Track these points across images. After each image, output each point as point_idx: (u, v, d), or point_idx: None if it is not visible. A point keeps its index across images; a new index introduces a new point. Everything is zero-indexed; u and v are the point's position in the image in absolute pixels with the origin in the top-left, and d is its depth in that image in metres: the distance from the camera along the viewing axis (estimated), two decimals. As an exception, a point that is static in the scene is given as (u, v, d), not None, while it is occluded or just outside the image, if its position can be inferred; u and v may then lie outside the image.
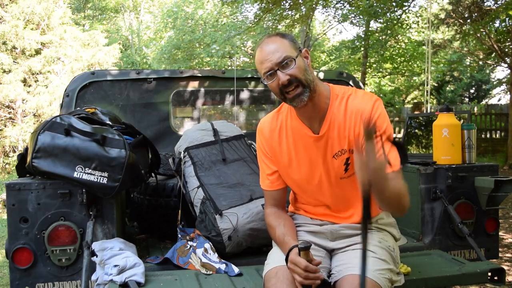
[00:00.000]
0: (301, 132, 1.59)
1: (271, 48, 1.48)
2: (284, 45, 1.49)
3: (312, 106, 1.53)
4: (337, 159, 1.56)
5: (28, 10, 11.21)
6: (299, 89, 1.47)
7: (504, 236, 4.90)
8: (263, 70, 1.50)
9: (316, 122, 1.56)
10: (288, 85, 1.47)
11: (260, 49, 1.52)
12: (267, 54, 1.48)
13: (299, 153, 1.60)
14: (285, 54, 1.47)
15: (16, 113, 11.44)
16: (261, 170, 1.72)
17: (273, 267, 1.51)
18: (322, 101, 1.55)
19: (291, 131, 1.62)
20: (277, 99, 3.23)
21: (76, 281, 1.85)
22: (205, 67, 15.00)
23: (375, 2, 9.76)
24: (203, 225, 2.04)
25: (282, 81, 1.46)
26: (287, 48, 1.48)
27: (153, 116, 3.01)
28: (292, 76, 1.46)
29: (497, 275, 1.79)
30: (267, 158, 1.68)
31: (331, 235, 1.66)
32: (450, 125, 2.27)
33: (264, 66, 1.49)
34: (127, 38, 22.24)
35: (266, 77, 1.50)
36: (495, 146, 11.91)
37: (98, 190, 1.83)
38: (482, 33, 10.40)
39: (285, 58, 1.46)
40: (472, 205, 2.22)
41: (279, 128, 1.65)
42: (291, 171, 1.63)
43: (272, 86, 1.51)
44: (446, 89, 18.73)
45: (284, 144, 1.63)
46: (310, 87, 1.49)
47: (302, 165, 1.61)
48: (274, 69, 1.47)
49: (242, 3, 13.11)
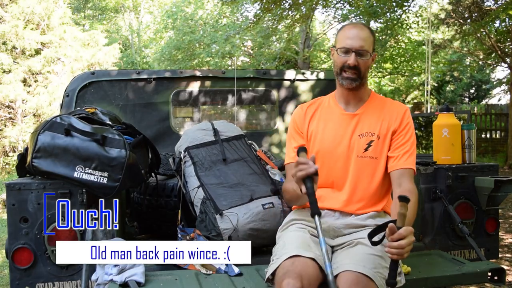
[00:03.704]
0: (335, 110, 1.81)
1: (360, 34, 1.70)
2: (370, 39, 1.72)
3: (354, 93, 1.77)
4: (362, 138, 1.73)
5: (28, 10, 11.20)
6: (355, 75, 1.71)
7: (504, 236, 4.90)
8: (342, 44, 1.70)
9: (351, 106, 1.80)
10: (350, 68, 1.70)
11: (351, 28, 1.74)
12: (355, 36, 1.70)
13: (328, 126, 1.79)
14: (366, 47, 1.70)
15: (16, 113, 11.43)
16: (288, 146, 1.88)
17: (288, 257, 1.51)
18: (364, 94, 1.81)
19: (326, 108, 1.84)
20: (277, 99, 3.23)
21: (76, 281, 1.85)
22: (205, 67, 14.99)
23: (375, 2, 9.75)
24: (203, 225, 2.04)
25: (350, 62, 1.69)
26: (369, 43, 1.71)
27: (153, 116, 3.01)
28: (359, 65, 1.70)
29: (497, 275, 1.79)
30: (297, 133, 1.85)
31: (333, 232, 1.69)
32: (450, 125, 2.27)
33: (346, 42, 1.70)
34: (127, 38, 22.24)
35: (340, 50, 1.71)
36: (495, 146, 11.90)
37: (98, 190, 1.83)
38: (482, 33, 10.40)
39: (364, 49, 1.69)
40: (472, 205, 2.22)
41: (316, 106, 1.87)
42: (316, 142, 1.80)
43: (336, 59, 1.73)
44: (446, 89, 18.72)
45: (316, 117, 1.84)
46: (362, 80, 1.74)
47: (326, 137, 1.78)
48: (351, 50, 1.68)
49: (241, 3, 13.11)
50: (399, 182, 1.66)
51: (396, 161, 1.69)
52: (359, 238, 1.62)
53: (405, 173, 1.67)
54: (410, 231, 1.36)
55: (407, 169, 1.68)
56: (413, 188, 1.63)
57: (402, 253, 1.35)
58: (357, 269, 1.45)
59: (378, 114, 1.76)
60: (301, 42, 14.10)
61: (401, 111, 1.77)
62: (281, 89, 3.24)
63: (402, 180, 1.66)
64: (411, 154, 1.71)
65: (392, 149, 1.73)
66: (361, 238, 1.61)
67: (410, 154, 1.71)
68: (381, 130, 1.74)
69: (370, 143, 1.72)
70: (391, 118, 1.75)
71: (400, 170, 1.68)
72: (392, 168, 1.70)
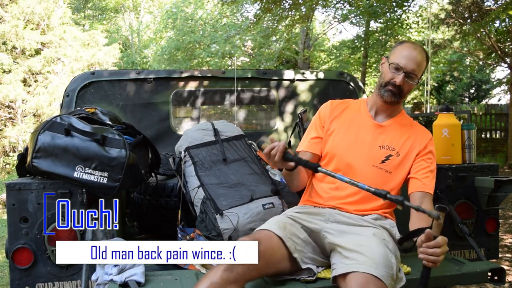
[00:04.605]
0: (364, 115, 1.87)
1: (417, 58, 1.74)
2: (423, 65, 1.78)
3: (388, 106, 1.82)
4: (382, 150, 1.79)
5: (28, 10, 11.21)
6: (396, 92, 1.77)
7: (504, 236, 4.90)
8: (396, 60, 1.75)
9: (380, 117, 1.86)
10: (395, 86, 1.75)
11: (411, 48, 1.77)
12: (411, 58, 1.74)
13: (351, 128, 1.84)
14: (417, 72, 1.75)
15: (16, 113, 11.43)
16: (306, 135, 1.94)
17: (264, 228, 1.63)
18: (396, 110, 1.87)
19: (355, 112, 1.89)
20: (277, 99, 3.23)
21: (76, 281, 1.85)
22: (205, 67, 14.99)
23: (375, 2, 9.76)
24: (204, 225, 2.04)
25: (397, 81, 1.75)
26: (421, 69, 1.77)
27: (153, 116, 3.01)
28: (404, 86, 1.76)
29: (497, 275, 1.79)
30: (320, 126, 1.89)
31: (329, 216, 1.72)
32: (450, 125, 2.27)
33: (400, 60, 1.74)
34: (127, 38, 22.24)
35: (392, 65, 1.75)
36: (495, 146, 11.91)
37: (98, 190, 1.83)
38: (482, 33, 10.40)
39: (415, 73, 1.75)
40: (472, 205, 2.22)
41: (346, 106, 1.92)
42: (336, 138, 1.84)
43: (385, 72, 1.78)
44: (446, 89, 18.73)
45: (342, 117, 1.88)
46: (401, 99, 1.81)
47: (346, 138, 1.82)
48: (403, 70, 1.73)
49: (241, 3, 13.11)
50: (420, 203, 1.68)
51: (420, 183, 1.74)
52: (360, 235, 1.62)
53: (426, 196, 1.72)
54: (446, 241, 1.40)
55: (428, 193, 1.73)
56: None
57: (437, 261, 1.37)
58: (367, 271, 1.44)
59: (403, 132, 1.82)
60: (301, 42, 14.11)
61: (427, 136, 1.83)
62: (281, 89, 3.24)
63: (423, 201, 1.70)
64: (432, 179, 1.77)
65: (414, 170, 1.77)
66: (363, 236, 1.61)
67: (431, 179, 1.76)
68: (403, 148, 1.79)
69: (389, 157, 1.77)
70: (416, 140, 1.80)
71: (422, 193, 1.72)
72: (414, 189, 1.74)
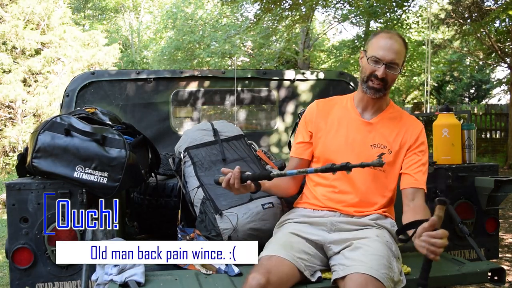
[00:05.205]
0: (351, 113, 1.81)
1: (394, 46, 1.67)
2: (402, 53, 1.71)
3: (374, 101, 1.77)
4: (373, 149, 1.73)
5: (28, 10, 11.20)
6: (380, 86, 1.71)
7: (504, 236, 4.90)
8: (374, 52, 1.68)
9: (368, 113, 1.80)
10: (378, 79, 1.69)
11: (386, 38, 1.69)
12: (388, 48, 1.67)
13: (340, 129, 1.79)
14: (397, 60, 1.68)
15: (16, 113, 11.43)
16: (294, 140, 1.93)
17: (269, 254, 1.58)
18: (383, 103, 1.81)
19: (342, 110, 1.83)
20: (277, 99, 3.23)
21: (76, 281, 1.85)
22: (205, 67, 14.99)
23: (375, 2, 9.75)
24: (203, 225, 2.04)
25: (379, 74, 1.68)
26: (401, 57, 1.70)
27: (153, 116, 3.01)
28: (387, 77, 1.69)
29: (497, 275, 1.79)
30: (305, 130, 1.86)
31: (331, 226, 1.69)
32: (450, 125, 2.27)
33: (378, 52, 1.67)
34: (127, 38, 22.24)
35: (371, 59, 1.69)
36: (495, 146, 11.91)
37: (98, 190, 1.83)
38: (482, 33, 10.39)
39: (395, 63, 1.68)
40: (472, 205, 2.22)
41: (333, 104, 1.87)
42: (326, 140, 1.80)
43: (365, 66, 1.72)
44: (446, 89, 18.72)
45: (330, 117, 1.83)
46: (386, 91, 1.76)
47: (337, 139, 1.78)
48: (382, 62, 1.67)
49: (241, 3, 13.10)
50: (412, 198, 1.68)
51: (412, 179, 1.71)
52: (363, 238, 1.62)
53: (418, 192, 1.70)
54: (446, 234, 1.37)
55: (421, 188, 1.70)
56: (425, 206, 1.66)
57: (437, 253, 1.35)
58: (367, 272, 1.44)
59: (393, 127, 1.77)
60: (301, 42, 14.10)
61: (417, 128, 1.78)
62: (281, 89, 3.24)
63: (415, 196, 1.68)
64: (424, 173, 1.73)
65: (406, 166, 1.74)
66: (365, 238, 1.61)
67: (423, 173, 1.73)
68: (394, 144, 1.75)
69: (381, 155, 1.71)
70: (406, 133, 1.76)
71: (414, 189, 1.70)
72: (406, 185, 1.72)
